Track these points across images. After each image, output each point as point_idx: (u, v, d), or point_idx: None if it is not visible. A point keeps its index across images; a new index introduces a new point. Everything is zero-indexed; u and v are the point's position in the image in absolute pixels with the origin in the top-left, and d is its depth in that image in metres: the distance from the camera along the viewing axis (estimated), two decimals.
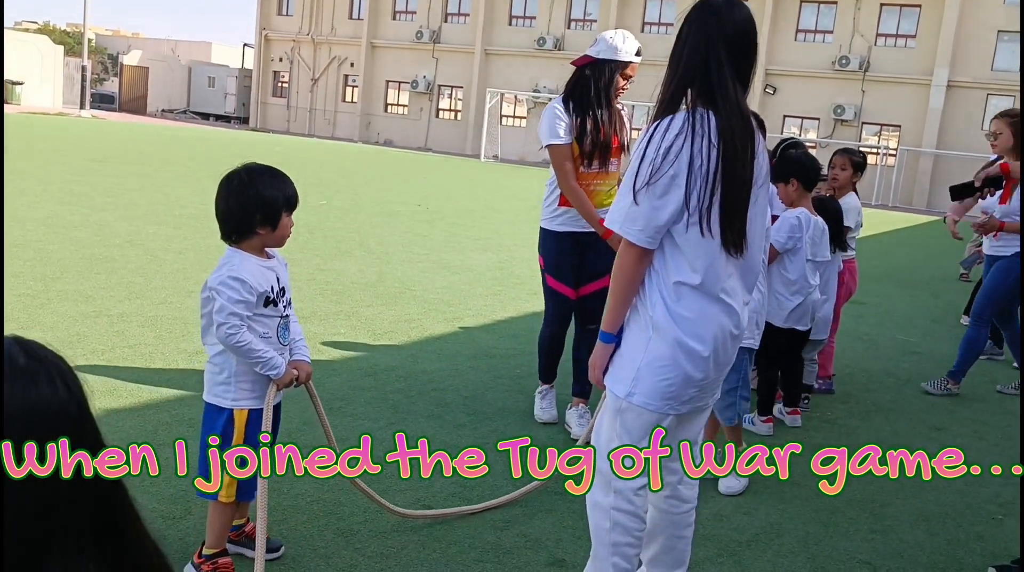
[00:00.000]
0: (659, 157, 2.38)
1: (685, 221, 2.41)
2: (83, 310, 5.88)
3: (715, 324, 2.48)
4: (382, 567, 3.00)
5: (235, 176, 2.79)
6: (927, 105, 33.78)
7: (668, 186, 2.38)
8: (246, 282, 2.70)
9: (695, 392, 2.53)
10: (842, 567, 3.35)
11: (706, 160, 2.38)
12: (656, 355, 2.47)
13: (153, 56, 50.13)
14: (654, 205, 2.39)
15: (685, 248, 2.44)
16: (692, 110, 2.44)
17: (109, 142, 22.42)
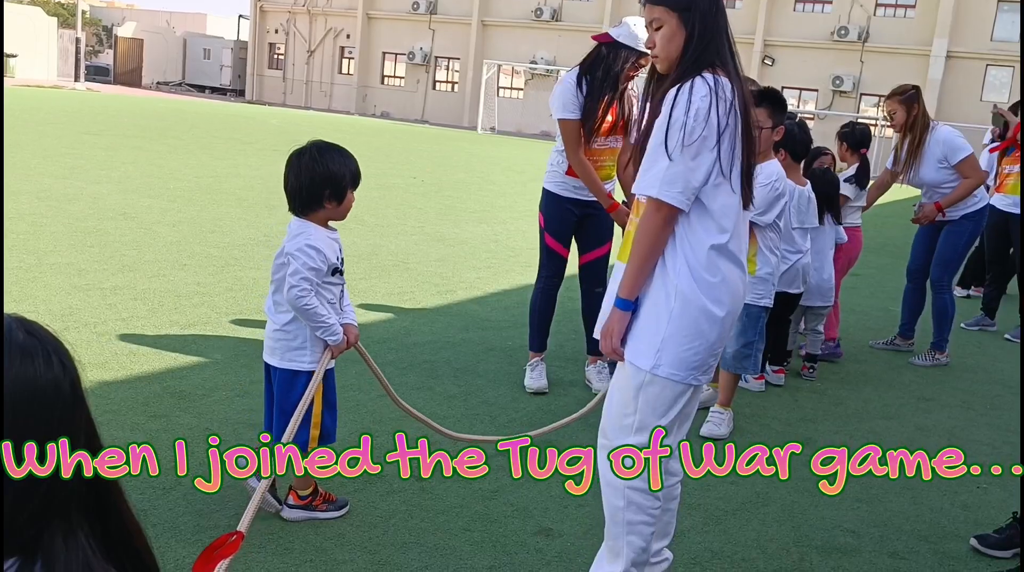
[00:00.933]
0: (690, 120, 2.39)
1: (712, 182, 2.44)
2: (75, 283, 5.89)
3: (735, 286, 2.52)
4: (370, 536, 3.03)
5: (305, 152, 2.98)
6: (926, 76, 33.61)
7: (700, 148, 2.40)
8: (321, 251, 2.92)
9: (713, 359, 2.55)
10: (827, 535, 3.39)
11: (731, 123, 2.43)
12: (681, 324, 2.45)
13: (148, 28, 49.73)
14: (689, 166, 2.40)
15: (713, 210, 2.46)
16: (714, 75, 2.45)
17: (103, 115, 22.31)
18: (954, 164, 5.76)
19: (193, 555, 2.79)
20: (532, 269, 8.07)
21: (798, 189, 4.88)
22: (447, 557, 2.95)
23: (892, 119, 5.88)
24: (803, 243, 5.00)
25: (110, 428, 3.68)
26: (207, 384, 4.32)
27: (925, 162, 5.83)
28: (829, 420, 4.76)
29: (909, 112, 5.79)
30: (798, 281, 5.02)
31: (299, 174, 2.94)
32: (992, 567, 3.23)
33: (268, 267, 7.08)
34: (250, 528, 2.62)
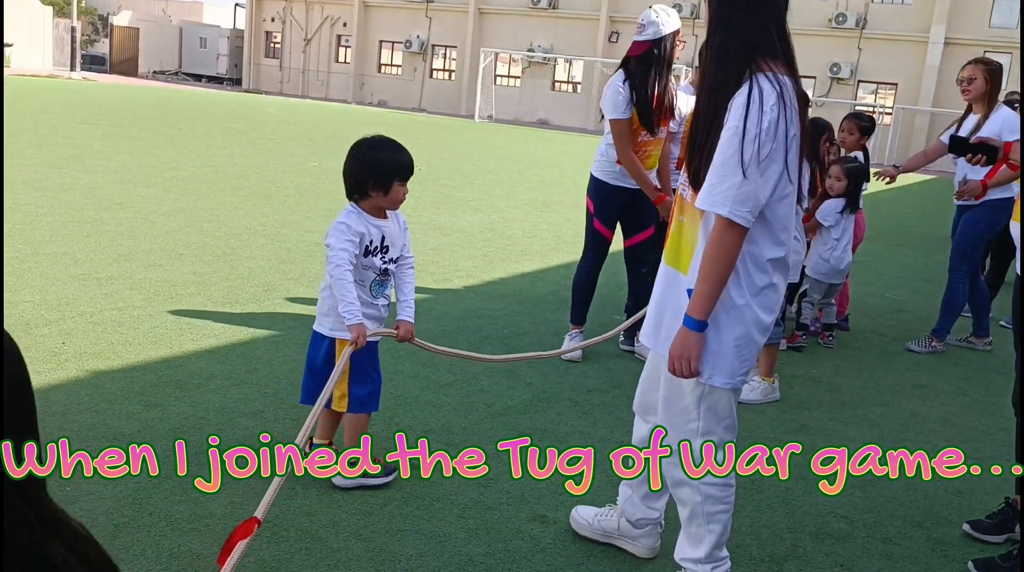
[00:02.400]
0: (763, 133, 2.29)
1: (779, 193, 2.37)
2: (71, 273, 5.89)
3: (782, 292, 2.54)
4: (365, 523, 3.05)
5: (362, 143, 3.22)
6: (924, 63, 33.57)
7: (770, 161, 2.31)
8: (350, 226, 3.14)
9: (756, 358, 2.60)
10: (820, 521, 3.40)
11: (797, 130, 2.35)
12: (734, 336, 2.44)
13: (143, 17, 49.52)
14: (759, 183, 2.31)
15: (773, 222, 2.41)
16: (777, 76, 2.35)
17: (100, 104, 22.25)
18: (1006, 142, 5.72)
19: (189, 543, 2.80)
20: (529, 258, 8.09)
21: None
22: (442, 544, 2.96)
23: (970, 84, 5.78)
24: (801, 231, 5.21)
25: (106, 417, 3.69)
26: (203, 373, 4.33)
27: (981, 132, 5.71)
28: (824, 407, 4.78)
29: (992, 84, 5.75)
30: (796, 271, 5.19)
31: (352, 162, 3.18)
32: (985, 552, 3.24)
33: (264, 256, 7.11)
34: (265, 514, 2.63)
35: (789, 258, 2.53)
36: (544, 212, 11.28)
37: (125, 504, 3.01)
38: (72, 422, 3.61)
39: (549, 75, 40.97)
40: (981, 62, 5.88)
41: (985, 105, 5.81)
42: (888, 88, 35.02)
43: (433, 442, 3.77)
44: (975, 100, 5.85)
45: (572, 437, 3.97)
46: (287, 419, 3.86)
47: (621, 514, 3.02)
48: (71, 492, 3.04)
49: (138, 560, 2.69)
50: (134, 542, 2.78)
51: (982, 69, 5.79)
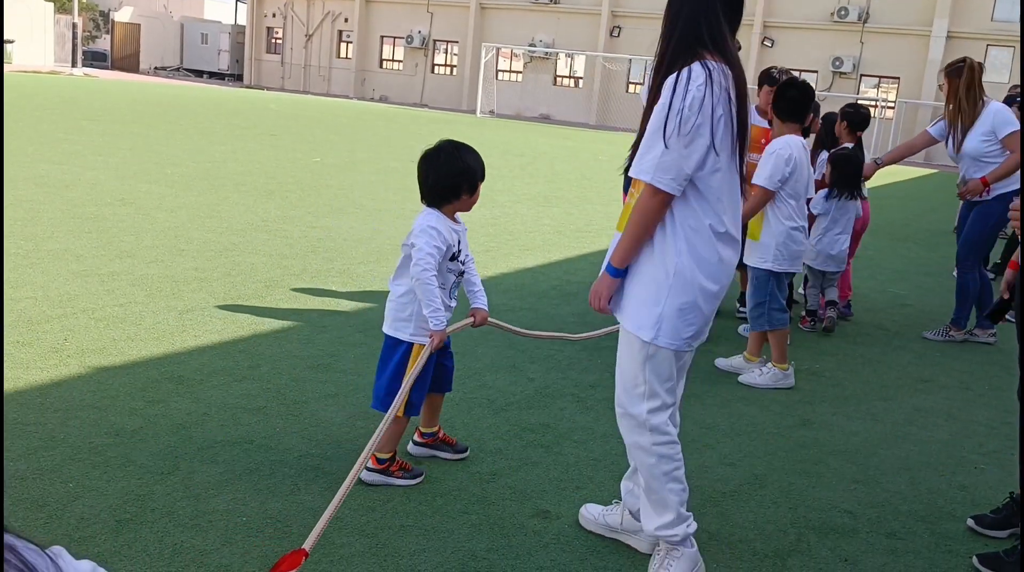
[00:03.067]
0: (686, 108, 2.50)
1: (710, 167, 2.57)
2: (73, 269, 5.88)
3: (729, 264, 2.70)
4: (368, 519, 3.04)
5: (442, 150, 3.26)
6: (926, 57, 33.48)
7: (694, 136, 2.52)
8: (441, 233, 3.20)
9: (706, 327, 2.76)
10: (824, 516, 3.39)
11: (725, 109, 2.54)
12: (679, 301, 2.63)
13: (145, 13, 49.48)
14: (682, 154, 2.52)
15: (708, 193, 2.60)
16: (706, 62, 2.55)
17: (101, 100, 22.24)
18: (1001, 137, 5.85)
19: (191, 540, 2.80)
20: (530, 252, 8.08)
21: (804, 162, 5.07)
22: (445, 540, 2.96)
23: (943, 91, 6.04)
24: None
25: (108, 414, 3.68)
26: (205, 369, 4.32)
27: (973, 132, 5.93)
28: (827, 401, 4.76)
29: (951, 83, 5.93)
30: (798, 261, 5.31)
31: (439, 169, 3.22)
32: (989, 547, 3.23)
33: (266, 252, 7.12)
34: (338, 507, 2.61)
35: (735, 232, 2.68)
36: (546, 207, 11.26)
37: (128, 500, 3.00)
38: (74, 418, 3.61)
39: (551, 70, 40.91)
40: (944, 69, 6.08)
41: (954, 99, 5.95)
42: (890, 82, 34.94)
43: None
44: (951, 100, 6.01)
45: (575, 432, 3.97)
46: (289, 415, 3.85)
47: (624, 508, 3.03)
48: (73, 489, 3.04)
49: (140, 556, 2.69)
50: (136, 538, 2.78)
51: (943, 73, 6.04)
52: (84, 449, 3.35)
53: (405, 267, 3.27)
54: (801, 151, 4.86)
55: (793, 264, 5.01)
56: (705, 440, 4.04)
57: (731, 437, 4.11)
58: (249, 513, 3.00)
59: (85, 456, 3.29)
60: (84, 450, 3.34)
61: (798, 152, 4.83)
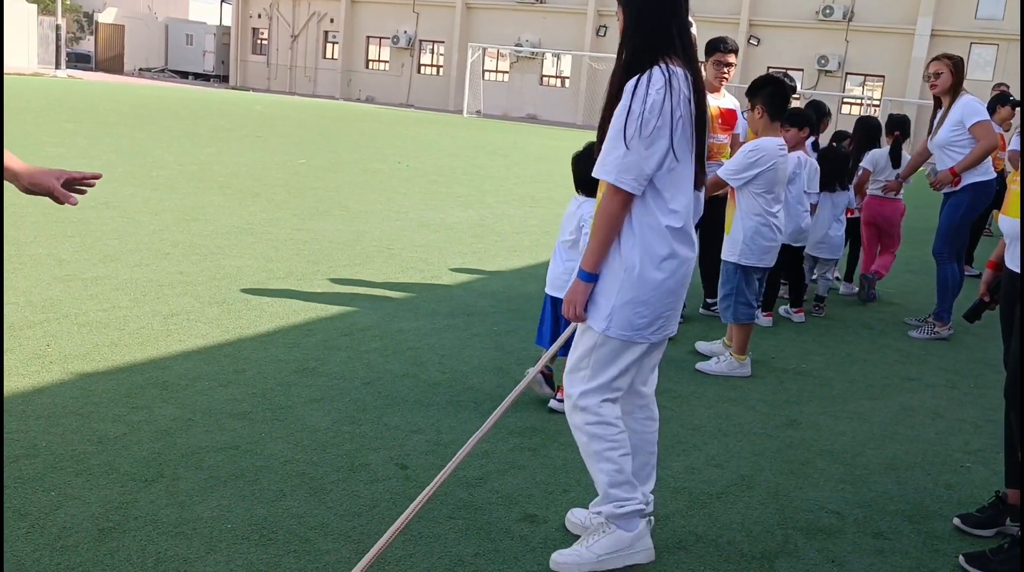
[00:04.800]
0: (647, 111, 2.59)
1: (667, 166, 2.66)
2: (56, 274, 5.84)
3: (684, 260, 2.77)
4: (354, 525, 3.02)
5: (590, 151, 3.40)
6: (910, 55, 33.65)
7: (655, 138, 2.61)
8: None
9: (662, 322, 2.80)
10: (811, 517, 3.39)
11: (684, 112, 2.64)
12: (631, 294, 2.72)
13: (129, 14, 49.23)
14: (643, 155, 2.61)
15: (664, 191, 2.69)
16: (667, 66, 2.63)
17: (85, 102, 22.11)
18: (969, 126, 5.96)
19: (175, 548, 2.77)
20: (518, 254, 8.07)
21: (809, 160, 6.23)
22: (431, 545, 2.94)
23: (936, 79, 6.08)
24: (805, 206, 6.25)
25: (91, 421, 3.65)
26: (190, 374, 4.29)
27: (944, 124, 6.08)
28: (815, 401, 4.77)
29: (955, 76, 6.03)
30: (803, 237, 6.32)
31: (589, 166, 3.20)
32: (975, 546, 3.24)
33: (252, 255, 7.08)
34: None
35: (689, 229, 2.77)
36: (533, 207, 11.25)
37: (110, 508, 2.97)
38: (57, 426, 3.57)
39: (537, 70, 40.91)
40: (946, 57, 6.14)
41: (951, 95, 6.10)
42: (875, 80, 35.10)
43: (422, 442, 3.75)
44: (943, 93, 6.14)
45: (561, 435, 3.95)
46: (275, 420, 3.83)
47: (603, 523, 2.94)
48: (56, 497, 3.01)
49: (123, 566, 2.66)
50: (119, 547, 2.75)
51: (947, 63, 6.07)
52: (67, 457, 3.31)
53: (577, 240, 4.10)
54: (775, 152, 4.96)
55: (761, 259, 5.09)
56: (692, 441, 4.03)
57: (718, 438, 4.11)
58: (234, 520, 2.98)
59: (68, 464, 3.26)
60: (67, 458, 3.31)
61: (770, 153, 4.93)
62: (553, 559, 2.88)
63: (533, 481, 3.47)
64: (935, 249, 6.34)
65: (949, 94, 6.10)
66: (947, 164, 6.10)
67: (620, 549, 2.88)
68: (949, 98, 6.10)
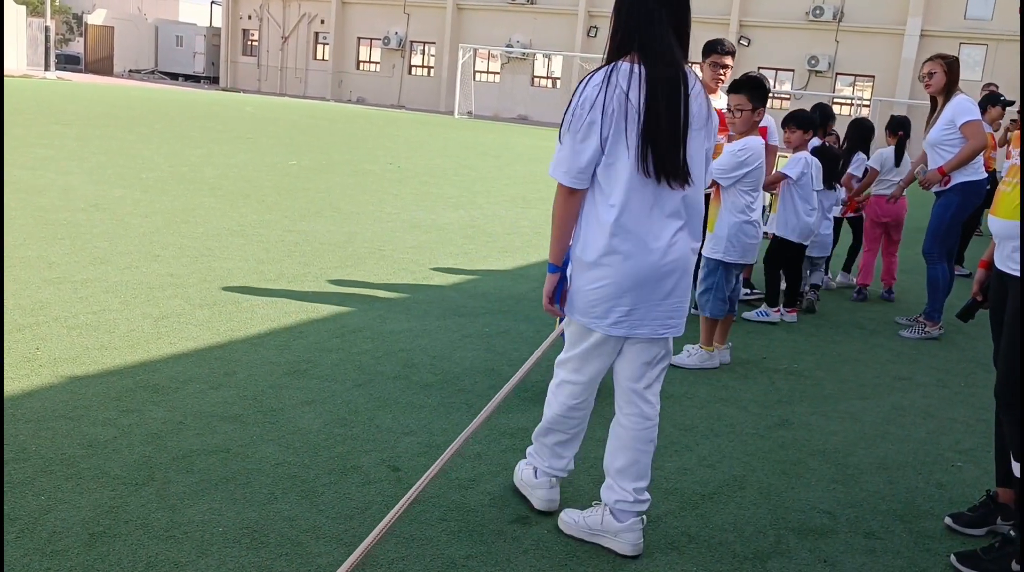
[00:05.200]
0: (579, 107, 2.70)
1: (605, 161, 2.73)
2: (46, 277, 5.81)
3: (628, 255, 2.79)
4: (345, 528, 3.01)
5: None
6: (900, 55, 33.77)
7: (588, 132, 2.69)
8: None
9: (620, 317, 2.85)
10: (803, 517, 3.40)
11: (616, 109, 2.66)
12: (581, 282, 2.87)
13: (118, 15, 49.09)
14: (576, 150, 2.72)
15: (604, 185, 2.76)
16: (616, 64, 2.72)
17: (74, 104, 22.03)
18: (959, 125, 5.99)
19: (166, 551, 2.76)
20: (509, 254, 8.06)
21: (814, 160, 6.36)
22: (424, 547, 2.93)
23: (930, 79, 6.13)
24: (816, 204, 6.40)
25: (81, 424, 3.63)
26: (181, 377, 4.27)
27: (936, 122, 6.14)
28: (806, 402, 4.78)
29: (949, 76, 6.08)
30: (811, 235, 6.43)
31: None
32: (967, 545, 3.25)
33: (242, 257, 7.05)
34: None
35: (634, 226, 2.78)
36: (525, 208, 11.25)
37: (101, 513, 2.96)
38: (47, 429, 3.55)
39: (528, 71, 40.93)
40: (940, 57, 6.19)
41: (944, 95, 6.15)
42: (865, 80, 35.21)
43: (414, 444, 3.74)
44: (937, 93, 6.17)
45: None
46: (266, 423, 3.82)
47: (604, 508, 3.03)
48: (45, 501, 2.99)
49: (114, 570, 2.64)
50: (110, 551, 2.73)
51: (941, 63, 6.12)
52: (56, 461, 3.30)
53: None
54: (760, 151, 5.11)
55: (744, 256, 5.20)
56: (684, 442, 4.04)
57: (710, 438, 4.11)
58: (225, 523, 2.96)
59: (57, 468, 3.24)
60: (56, 462, 3.29)
61: (757, 152, 5.06)
62: (560, 516, 3.14)
63: None
64: (925, 248, 6.37)
65: (943, 94, 6.13)
66: (938, 163, 6.13)
67: (607, 532, 3.01)
68: (943, 98, 6.14)
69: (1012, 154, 7.40)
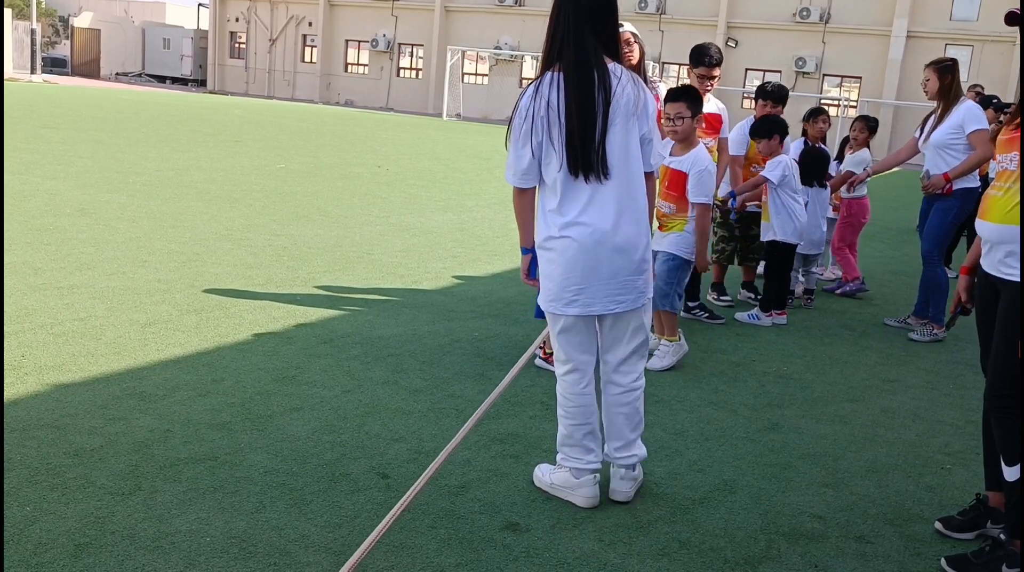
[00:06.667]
0: (516, 117, 3.12)
1: (544, 161, 3.12)
2: (31, 283, 5.77)
3: (569, 241, 3.13)
4: (335, 536, 2.99)
5: None
6: (887, 56, 33.91)
7: (525, 139, 3.10)
8: None
9: (571, 296, 3.18)
10: (793, 521, 3.39)
11: (543, 116, 3.06)
12: (541, 270, 3.26)
13: (105, 18, 48.88)
14: (518, 154, 3.14)
15: (547, 182, 3.17)
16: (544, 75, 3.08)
17: (61, 107, 21.91)
18: (968, 133, 6.03)
19: (153, 562, 2.73)
20: (498, 258, 8.05)
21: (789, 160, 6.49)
22: (414, 556, 2.92)
23: (926, 86, 6.23)
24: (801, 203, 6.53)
25: (67, 433, 3.60)
26: (168, 384, 4.24)
27: (943, 125, 6.16)
28: (795, 405, 4.78)
29: (942, 81, 6.15)
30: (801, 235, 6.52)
31: None
32: (957, 549, 3.25)
33: (230, 262, 7.01)
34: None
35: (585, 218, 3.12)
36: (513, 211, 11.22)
37: (87, 523, 2.93)
38: (32, 438, 3.52)
39: (517, 72, 40.92)
40: (932, 64, 6.30)
41: (940, 98, 6.20)
42: (852, 81, 35.34)
43: (403, 450, 3.72)
44: (934, 97, 6.24)
45: (544, 441, 3.94)
46: (254, 430, 3.79)
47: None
48: (31, 512, 2.96)
49: None
50: (96, 563, 2.71)
51: (932, 69, 6.23)
52: (42, 470, 3.27)
53: None
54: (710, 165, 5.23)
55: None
56: (674, 446, 4.03)
57: (700, 443, 4.10)
58: (213, 533, 2.94)
59: (43, 478, 3.21)
60: (42, 471, 3.26)
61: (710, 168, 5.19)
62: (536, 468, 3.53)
63: (516, 489, 3.45)
64: (925, 251, 6.36)
65: (941, 97, 6.17)
66: (940, 166, 6.13)
67: (566, 486, 3.37)
68: (943, 100, 6.16)
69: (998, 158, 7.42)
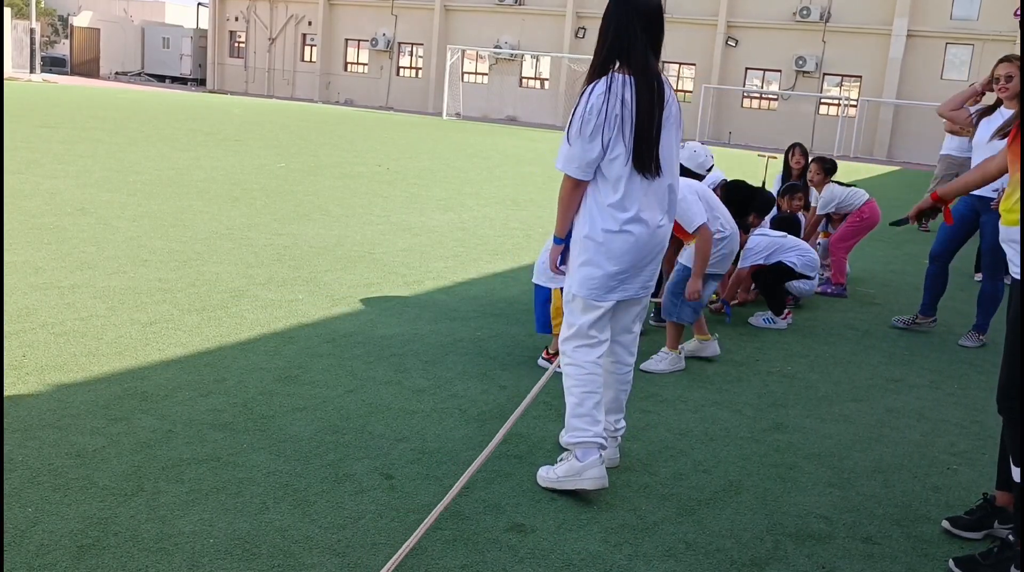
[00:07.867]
0: (587, 112, 3.22)
1: (608, 157, 3.25)
2: (32, 282, 5.74)
3: (629, 235, 3.31)
4: (339, 538, 2.97)
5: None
6: (887, 55, 33.89)
7: (595, 133, 3.22)
8: None
9: (616, 284, 3.37)
10: (799, 522, 3.37)
11: (618, 114, 3.20)
12: (584, 259, 3.36)
13: (104, 17, 48.83)
14: (585, 147, 3.24)
15: (609, 176, 3.28)
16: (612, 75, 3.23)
17: (60, 107, 21.89)
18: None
19: (156, 564, 2.71)
20: (500, 257, 8.03)
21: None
22: (418, 557, 2.89)
23: (1008, 82, 5.61)
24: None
25: (68, 433, 3.58)
26: (170, 384, 4.22)
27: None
28: (800, 404, 4.76)
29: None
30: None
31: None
32: (965, 549, 3.23)
33: (231, 261, 6.99)
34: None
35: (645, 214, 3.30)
36: (514, 210, 11.22)
37: (90, 524, 2.91)
38: (33, 439, 3.50)
39: (516, 71, 40.90)
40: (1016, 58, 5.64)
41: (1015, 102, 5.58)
42: (853, 81, 35.31)
43: (407, 450, 3.70)
44: (1011, 98, 5.65)
45: (548, 441, 3.92)
46: (257, 430, 3.77)
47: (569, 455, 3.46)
48: (32, 513, 2.94)
49: None
50: (99, 565, 2.69)
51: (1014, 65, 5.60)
52: (43, 471, 3.24)
53: None
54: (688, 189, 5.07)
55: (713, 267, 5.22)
56: (679, 446, 4.01)
57: (705, 443, 4.08)
58: (216, 534, 2.92)
59: (45, 478, 3.19)
60: (43, 472, 3.24)
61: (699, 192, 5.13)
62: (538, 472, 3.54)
63: (520, 489, 3.43)
64: (985, 263, 6.19)
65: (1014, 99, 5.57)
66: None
67: (571, 474, 3.38)
68: (1014, 103, 5.56)
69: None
